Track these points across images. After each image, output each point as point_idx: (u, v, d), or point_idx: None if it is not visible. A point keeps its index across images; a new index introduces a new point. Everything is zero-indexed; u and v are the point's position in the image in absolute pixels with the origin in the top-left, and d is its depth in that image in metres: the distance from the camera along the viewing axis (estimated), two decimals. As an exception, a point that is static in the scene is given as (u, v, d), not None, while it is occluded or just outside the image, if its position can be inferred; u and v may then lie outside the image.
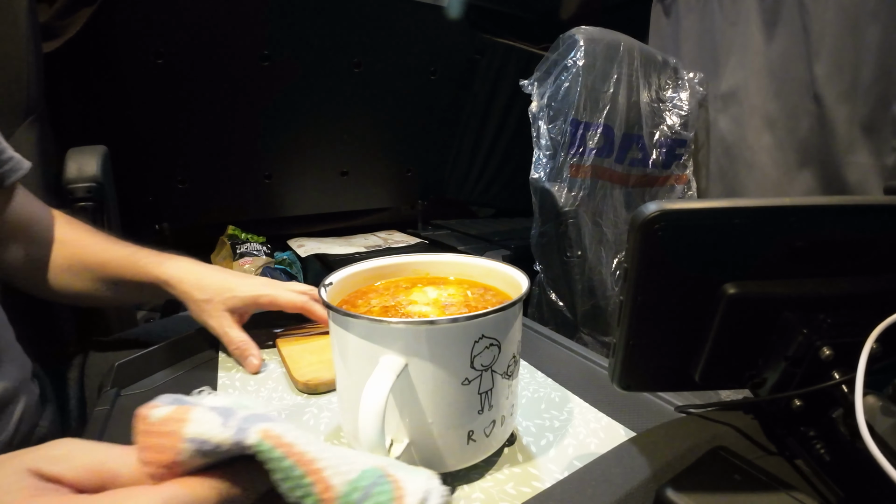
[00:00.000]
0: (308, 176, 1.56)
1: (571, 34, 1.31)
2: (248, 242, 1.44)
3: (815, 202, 0.29)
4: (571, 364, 0.56)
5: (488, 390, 0.35)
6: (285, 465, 0.22)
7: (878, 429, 0.24)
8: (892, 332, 0.26)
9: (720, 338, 0.30)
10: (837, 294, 0.30)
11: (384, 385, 0.30)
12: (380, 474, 0.24)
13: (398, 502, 0.23)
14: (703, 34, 1.60)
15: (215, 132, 1.33)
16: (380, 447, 0.30)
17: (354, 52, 1.39)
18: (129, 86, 1.17)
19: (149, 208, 1.35)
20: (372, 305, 0.42)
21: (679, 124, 1.54)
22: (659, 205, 0.27)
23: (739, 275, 0.29)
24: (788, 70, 1.38)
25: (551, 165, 1.32)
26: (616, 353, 0.32)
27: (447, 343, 0.33)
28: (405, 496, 0.23)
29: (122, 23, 1.08)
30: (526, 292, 0.37)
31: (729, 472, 0.29)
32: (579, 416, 0.45)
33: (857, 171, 1.28)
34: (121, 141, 1.00)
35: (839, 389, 0.27)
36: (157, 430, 0.23)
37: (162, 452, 0.22)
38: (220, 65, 1.23)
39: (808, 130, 1.37)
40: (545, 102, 1.32)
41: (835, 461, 0.28)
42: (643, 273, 0.29)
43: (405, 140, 1.69)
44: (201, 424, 0.23)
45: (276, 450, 0.22)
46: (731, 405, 0.37)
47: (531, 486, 0.36)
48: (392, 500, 0.23)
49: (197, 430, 0.22)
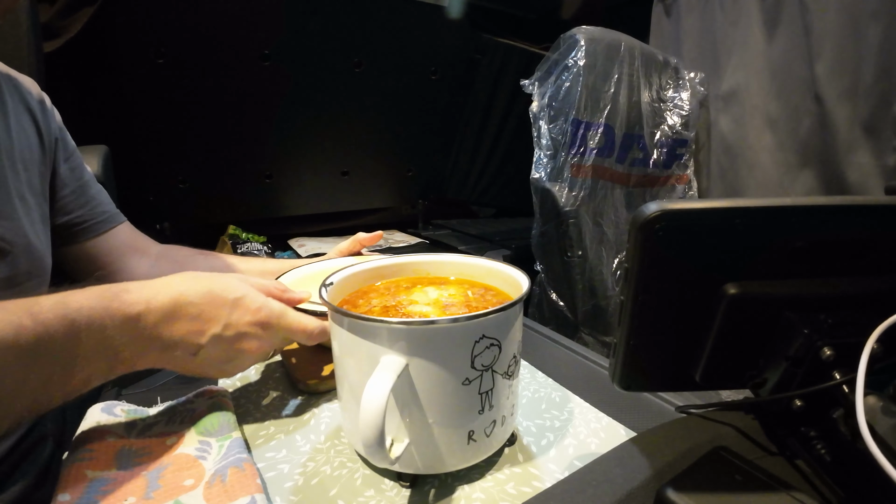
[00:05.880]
0: (309, 176, 1.55)
1: (572, 34, 1.31)
2: (248, 242, 1.44)
3: (816, 202, 0.29)
4: (572, 364, 0.56)
5: (489, 390, 0.35)
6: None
7: (879, 429, 0.24)
8: (892, 333, 0.26)
9: (721, 338, 0.30)
10: (838, 294, 0.30)
11: (385, 385, 0.30)
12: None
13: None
14: (704, 34, 1.60)
15: (216, 132, 1.33)
16: (380, 447, 0.30)
17: (355, 52, 1.39)
18: (130, 86, 1.17)
19: (149, 208, 1.35)
20: (372, 305, 0.42)
21: (680, 124, 1.54)
22: (660, 205, 0.27)
23: (740, 275, 0.29)
24: (789, 70, 1.38)
25: (552, 165, 1.32)
26: (617, 353, 0.32)
27: (448, 343, 0.33)
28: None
29: (122, 23, 1.08)
30: (526, 292, 0.37)
31: (729, 473, 0.29)
32: (580, 416, 0.45)
33: (858, 171, 1.28)
34: (121, 140, 1.00)
35: (840, 390, 0.27)
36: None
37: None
38: (220, 65, 1.23)
39: (808, 130, 1.36)
40: (546, 102, 1.32)
41: (835, 461, 0.28)
42: (644, 273, 0.29)
43: (405, 140, 1.68)
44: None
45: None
46: (731, 405, 0.37)
47: (532, 486, 0.36)
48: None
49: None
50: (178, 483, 0.34)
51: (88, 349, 0.34)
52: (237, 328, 0.40)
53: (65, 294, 0.34)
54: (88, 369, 0.35)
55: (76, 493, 0.32)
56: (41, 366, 0.32)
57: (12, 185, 0.51)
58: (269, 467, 0.38)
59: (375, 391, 0.30)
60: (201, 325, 0.39)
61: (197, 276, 0.41)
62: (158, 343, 0.38)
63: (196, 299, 0.39)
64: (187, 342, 0.39)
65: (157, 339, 0.38)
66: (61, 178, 0.61)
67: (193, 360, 0.40)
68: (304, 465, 0.39)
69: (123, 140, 1.10)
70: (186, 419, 0.42)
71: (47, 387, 0.33)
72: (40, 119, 0.58)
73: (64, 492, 0.32)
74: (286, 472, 0.38)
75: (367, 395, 0.30)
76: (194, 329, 0.39)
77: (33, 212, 0.54)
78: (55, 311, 0.33)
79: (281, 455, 0.40)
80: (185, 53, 1.17)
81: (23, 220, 0.52)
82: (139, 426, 0.41)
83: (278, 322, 0.42)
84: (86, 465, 0.35)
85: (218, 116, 1.30)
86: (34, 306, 0.32)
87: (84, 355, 0.34)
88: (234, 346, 0.41)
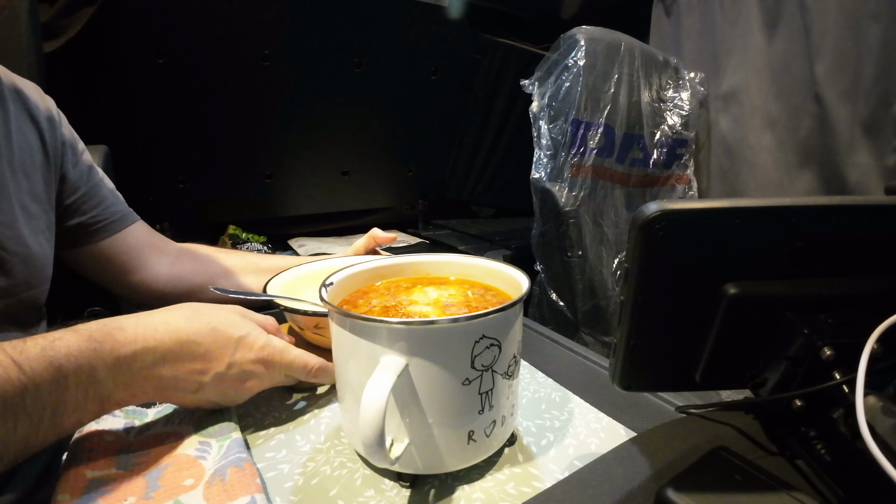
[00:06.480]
0: (309, 176, 1.56)
1: (572, 34, 1.31)
2: (248, 242, 1.44)
3: (816, 202, 0.29)
4: (572, 364, 0.56)
5: (489, 390, 0.35)
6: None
7: (879, 429, 0.24)
8: (892, 333, 0.26)
9: (721, 338, 0.30)
10: (838, 294, 0.30)
11: (384, 385, 0.30)
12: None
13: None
14: (704, 34, 1.60)
15: (216, 132, 1.33)
16: (380, 447, 0.30)
17: (355, 52, 1.39)
18: (130, 85, 1.17)
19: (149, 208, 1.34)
20: (373, 305, 0.42)
21: (680, 124, 1.54)
22: (660, 205, 0.27)
23: (740, 275, 0.29)
24: (789, 70, 1.38)
25: (552, 165, 1.32)
26: (617, 353, 0.32)
27: (448, 343, 0.33)
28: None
29: (122, 22, 1.08)
30: (526, 292, 0.37)
31: (729, 473, 0.29)
32: (580, 417, 0.45)
33: (858, 172, 1.28)
34: (122, 140, 1.00)
35: (840, 390, 0.27)
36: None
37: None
38: (220, 65, 1.23)
39: (808, 130, 1.36)
40: (546, 102, 1.32)
41: (835, 461, 0.28)
42: (644, 273, 0.29)
43: (406, 140, 1.68)
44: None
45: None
46: (731, 405, 0.37)
47: (532, 486, 0.36)
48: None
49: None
50: (178, 483, 0.34)
51: (79, 395, 0.34)
52: (241, 367, 0.40)
53: (53, 338, 0.33)
54: (79, 414, 0.34)
55: (76, 494, 0.32)
56: (29, 415, 0.31)
57: (13, 192, 0.51)
58: (269, 467, 0.38)
59: (375, 391, 0.30)
60: (205, 365, 0.39)
61: (198, 312, 0.40)
62: (155, 382, 0.37)
63: (200, 338, 0.38)
64: (189, 381, 0.38)
65: (154, 378, 0.37)
66: (72, 182, 0.61)
67: (192, 396, 0.40)
68: (304, 465, 0.39)
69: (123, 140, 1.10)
70: (186, 420, 0.42)
71: (37, 432, 0.32)
72: (44, 125, 0.57)
73: (63, 492, 0.32)
74: (286, 472, 0.38)
75: (367, 396, 0.30)
76: (197, 368, 0.38)
77: (36, 220, 0.54)
78: (41, 360, 0.32)
79: (281, 455, 0.40)
80: (186, 53, 1.17)
81: (23, 229, 0.51)
82: (138, 426, 0.41)
83: (281, 359, 0.42)
84: (85, 465, 0.35)
85: (218, 116, 1.30)
86: (20, 355, 0.31)
87: (74, 401, 0.33)
88: (235, 384, 0.40)
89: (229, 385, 0.40)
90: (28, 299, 0.53)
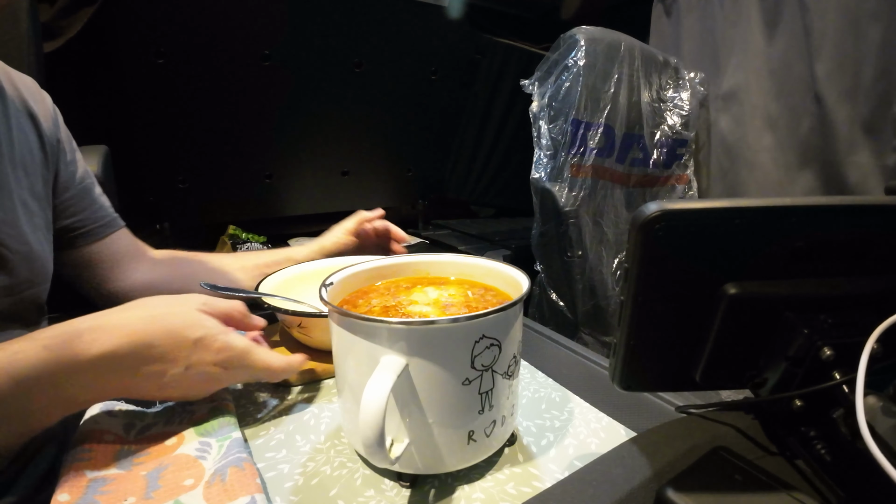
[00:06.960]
0: (308, 176, 1.56)
1: (572, 34, 1.31)
2: (248, 242, 1.44)
3: (816, 202, 0.29)
4: (572, 364, 0.56)
5: (489, 390, 0.35)
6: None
7: (879, 429, 0.24)
8: (892, 333, 0.26)
9: (721, 338, 0.30)
10: (838, 294, 0.30)
11: (384, 385, 0.30)
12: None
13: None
14: (704, 34, 1.60)
15: (216, 132, 1.33)
16: (380, 447, 0.30)
17: (355, 52, 1.39)
18: (130, 85, 1.17)
19: (149, 208, 1.35)
20: (372, 305, 0.42)
21: (680, 124, 1.54)
22: (660, 205, 0.27)
23: (740, 275, 0.29)
24: (789, 70, 1.38)
25: (552, 165, 1.32)
26: (617, 353, 0.32)
27: (447, 343, 0.33)
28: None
29: (122, 22, 1.08)
30: (526, 292, 0.37)
31: (730, 473, 0.29)
32: (580, 416, 0.45)
33: (858, 171, 1.28)
34: (121, 140, 1.01)
35: (840, 390, 0.27)
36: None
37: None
38: (220, 65, 1.23)
39: (808, 130, 1.36)
40: (546, 102, 1.32)
41: (835, 461, 0.28)
42: (644, 273, 0.29)
43: (405, 140, 1.68)
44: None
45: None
46: (731, 405, 0.37)
47: (532, 486, 0.36)
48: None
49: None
50: (178, 483, 0.34)
51: (42, 402, 0.35)
52: (199, 368, 0.40)
53: (11, 350, 0.34)
54: (45, 418, 0.36)
55: (76, 494, 0.32)
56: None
57: (14, 189, 0.51)
58: (269, 467, 0.38)
59: (375, 391, 0.30)
60: (162, 367, 0.38)
61: (153, 314, 0.39)
62: (117, 384, 0.38)
63: (157, 341, 0.38)
64: (149, 382, 0.39)
65: (115, 381, 0.37)
66: (63, 181, 0.60)
67: (156, 394, 0.41)
68: (304, 465, 0.39)
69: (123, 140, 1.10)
70: (186, 420, 0.42)
71: (7, 439, 0.34)
72: (41, 121, 0.57)
73: (63, 492, 0.32)
74: (286, 472, 0.38)
75: (367, 395, 0.30)
76: (155, 370, 0.38)
77: (36, 217, 0.54)
78: (3, 377, 0.33)
79: (281, 455, 0.40)
80: (186, 53, 1.17)
81: (24, 227, 0.51)
82: (138, 426, 0.41)
83: (240, 363, 0.42)
84: (85, 465, 0.35)
85: (218, 116, 1.30)
86: None
87: (38, 409, 0.35)
88: (196, 384, 0.41)
89: (190, 385, 0.40)
90: (30, 297, 0.52)
